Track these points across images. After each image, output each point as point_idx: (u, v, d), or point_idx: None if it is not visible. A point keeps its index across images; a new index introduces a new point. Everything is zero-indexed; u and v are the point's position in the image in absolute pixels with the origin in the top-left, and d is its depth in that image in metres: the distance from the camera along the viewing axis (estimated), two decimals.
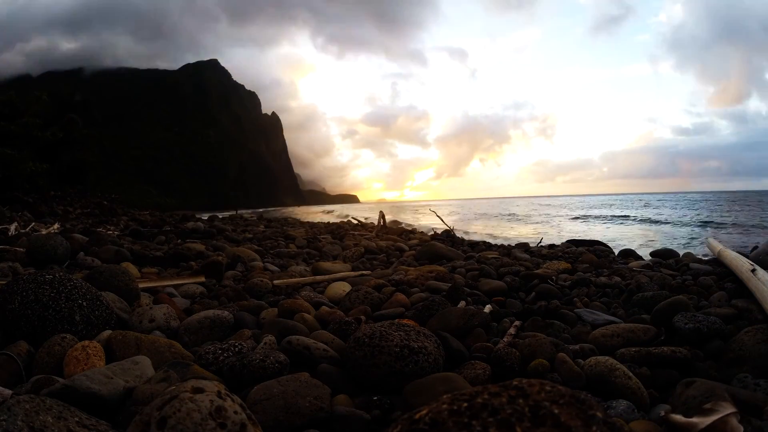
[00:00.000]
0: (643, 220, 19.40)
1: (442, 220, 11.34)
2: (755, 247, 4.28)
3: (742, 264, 2.95)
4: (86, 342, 1.67)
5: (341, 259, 5.23)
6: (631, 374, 1.65)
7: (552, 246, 7.40)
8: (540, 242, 8.08)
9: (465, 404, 0.70)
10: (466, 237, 9.86)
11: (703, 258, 4.83)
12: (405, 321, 2.05)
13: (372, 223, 12.80)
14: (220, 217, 17.66)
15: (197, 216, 17.33)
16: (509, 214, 27.97)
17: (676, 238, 11.71)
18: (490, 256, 5.30)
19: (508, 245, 7.29)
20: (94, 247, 4.57)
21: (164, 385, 1.36)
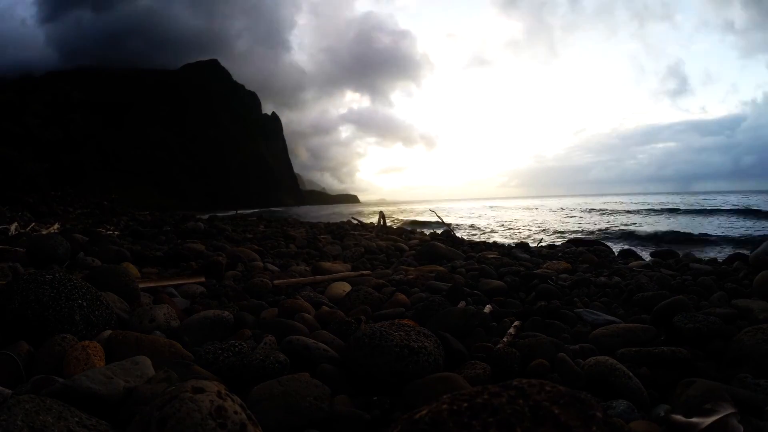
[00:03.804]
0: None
1: (442, 220, 11.34)
2: (755, 248, 4.27)
3: None
4: (86, 342, 1.67)
5: (341, 259, 5.23)
6: (631, 374, 1.65)
7: (552, 246, 7.41)
8: (540, 242, 8.08)
9: (465, 404, 0.70)
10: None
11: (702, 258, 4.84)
12: (405, 321, 2.05)
13: (372, 222, 12.79)
14: (220, 217, 17.65)
15: (197, 216, 17.32)
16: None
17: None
18: (490, 256, 5.30)
19: (509, 245, 7.29)
20: (95, 247, 4.57)
21: (164, 385, 1.36)
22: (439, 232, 9.44)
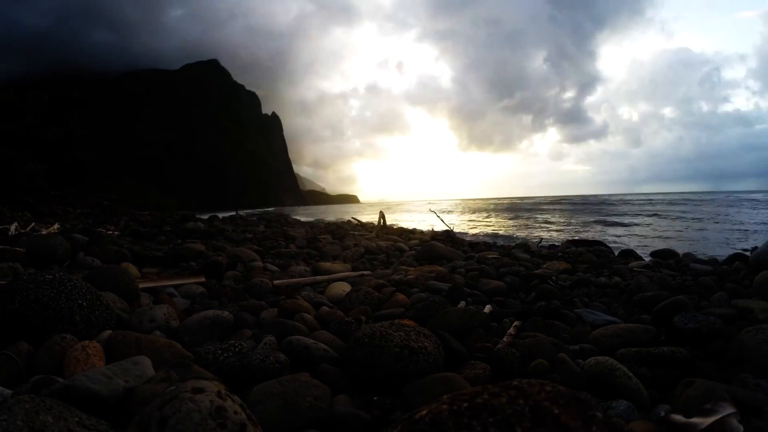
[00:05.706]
0: None
1: (442, 220, 11.34)
2: (754, 248, 4.27)
3: None
4: (86, 342, 1.67)
5: (341, 259, 5.23)
6: (631, 374, 1.65)
7: (552, 246, 7.42)
8: (540, 242, 8.09)
9: (465, 404, 0.70)
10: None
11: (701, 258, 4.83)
12: (405, 321, 2.05)
13: (372, 222, 12.79)
14: (220, 217, 17.64)
15: (197, 216, 17.31)
16: None
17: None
18: (490, 256, 5.31)
19: (508, 245, 7.29)
20: (95, 247, 4.56)
21: (164, 385, 1.36)
22: (438, 231, 9.43)
